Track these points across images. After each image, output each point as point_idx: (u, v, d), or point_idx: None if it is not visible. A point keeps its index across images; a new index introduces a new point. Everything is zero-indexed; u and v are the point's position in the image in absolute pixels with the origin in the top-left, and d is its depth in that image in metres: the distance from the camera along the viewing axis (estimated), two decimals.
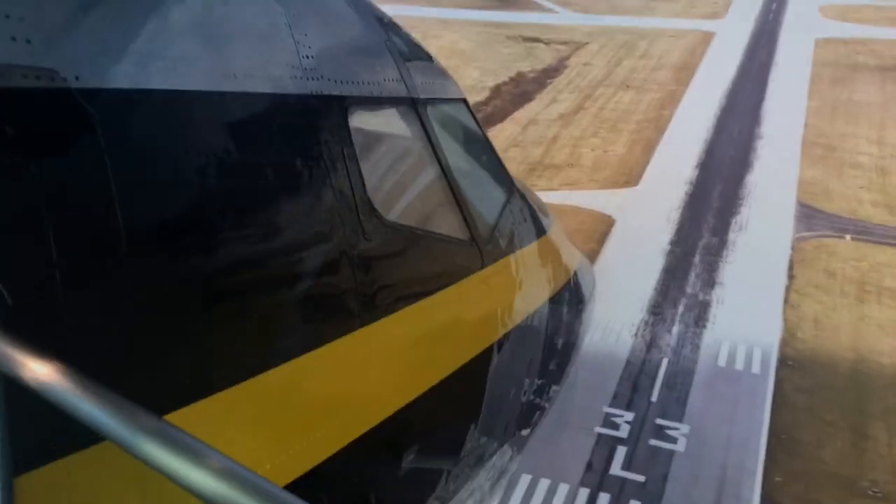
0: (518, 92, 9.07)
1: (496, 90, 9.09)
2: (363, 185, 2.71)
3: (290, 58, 2.62)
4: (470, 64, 9.64)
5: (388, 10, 10.76)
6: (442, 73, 3.56)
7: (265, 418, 2.45)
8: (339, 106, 2.71)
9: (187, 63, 2.36)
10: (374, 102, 3.06)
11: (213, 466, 1.12)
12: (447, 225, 3.16)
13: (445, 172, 3.14)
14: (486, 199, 3.67)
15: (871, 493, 4.61)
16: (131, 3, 2.38)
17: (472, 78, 9.38)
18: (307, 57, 2.68)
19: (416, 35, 10.33)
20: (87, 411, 1.38)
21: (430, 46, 9.63)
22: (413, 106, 3.13)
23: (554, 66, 9.52)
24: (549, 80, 9.24)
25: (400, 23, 9.93)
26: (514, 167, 7.82)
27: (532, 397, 4.26)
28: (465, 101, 3.61)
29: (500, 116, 8.61)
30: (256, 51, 2.61)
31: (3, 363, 1.42)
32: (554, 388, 4.59)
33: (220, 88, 2.44)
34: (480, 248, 3.26)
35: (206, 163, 2.25)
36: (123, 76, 2.16)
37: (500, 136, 8.38)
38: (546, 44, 9.89)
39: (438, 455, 3.45)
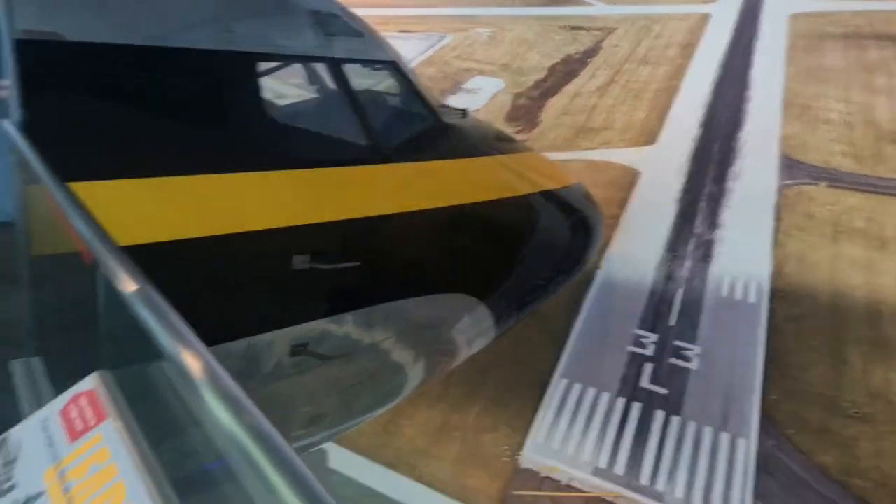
0: (567, 70, 8.25)
1: (552, 69, 8.31)
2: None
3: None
4: (532, 49, 8.86)
5: (469, 10, 9.59)
6: (369, 41, 3.18)
7: None
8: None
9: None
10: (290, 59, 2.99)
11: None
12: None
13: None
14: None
15: (851, 413, 3.89)
16: None
17: (535, 60, 8.65)
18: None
19: (494, 29, 9.24)
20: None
21: (506, 37, 8.69)
22: (333, 64, 2.90)
23: (592, 48, 8.66)
24: (589, 60, 8.41)
25: (482, 21, 8.82)
26: (564, 131, 7.16)
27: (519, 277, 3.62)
28: (391, 62, 3.18)
29: (554, 90, 7.88)
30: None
31: None
32: (547, 280, 3.85)
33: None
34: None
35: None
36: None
37: (555, 105, 7.79)
38: (586, 31, 9.01)
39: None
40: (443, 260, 3.14)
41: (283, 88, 3.28)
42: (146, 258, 1.92)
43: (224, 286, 2.35)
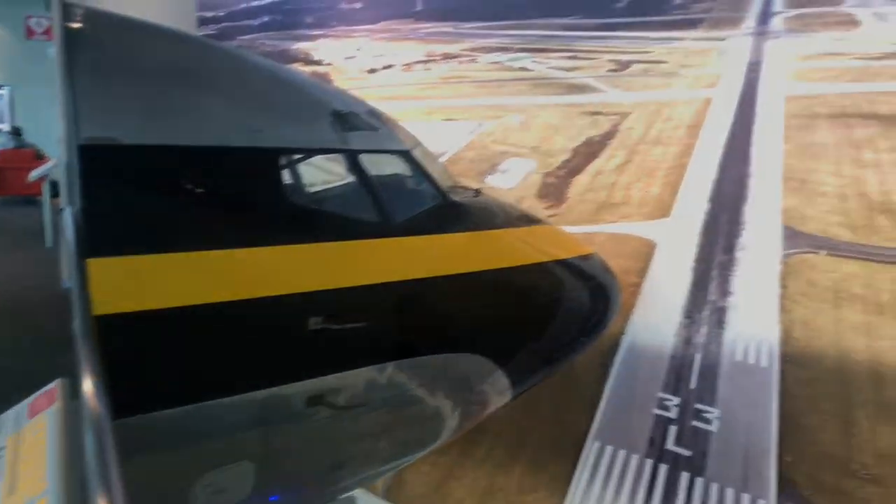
0: (589, 151, 8.11)
1: (575, 151, 8.19)
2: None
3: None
4: (558, 133, 8.75)
5: (505, 101, 9.44)
6: (383, 134, 3.15)
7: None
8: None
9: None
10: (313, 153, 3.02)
11: None
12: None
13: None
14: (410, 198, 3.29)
15: (862, 475, 3.62)
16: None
17: (561, 143, 8.55)
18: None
19: (524, 116, 9.07)
20: None
21: (535, 122, 8.53)
22: (350, 155, 2.88)
23: (610, 131, 8.49)
24: (608, 142, 8.24)
25: (514, 109, 8.77)
26: (589, 206, 6.99)
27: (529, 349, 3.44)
28: (405, 151, 3.14)
29: (578, 169, 7.76)
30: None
31: None
32: (565, 343, 3.68)
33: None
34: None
35: None
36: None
37: (579, 183, 7.70)
38: (604, 115, 8.84)
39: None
40: (455, 322, 3.04)
41: (309, 176, 3.33)
42: (183, 318, 2.03)
43: (248, 343, 2.37)
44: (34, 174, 11.41)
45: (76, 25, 2.29)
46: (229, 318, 2.19)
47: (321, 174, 3.30)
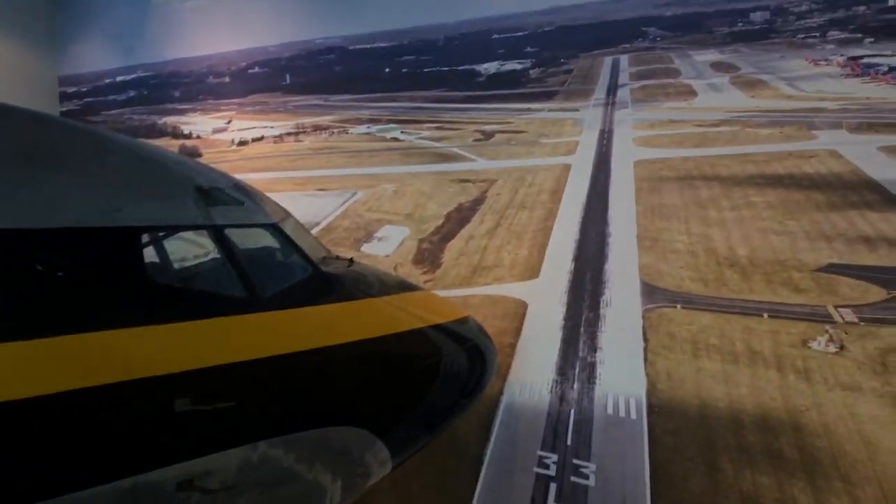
0: (460, 217, 8.26)
1: (447, 216, 8.33)
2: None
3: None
4: (430, 200, 8.87)
5: (377, 170, 9.42)
6: (250, 208, 3.10)
7: None
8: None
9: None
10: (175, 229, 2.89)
11: None
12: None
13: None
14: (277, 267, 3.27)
15: None
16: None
17: (433, 209, 8.66)
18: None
19: (396, 184, 9.09)
20: None
21: (408, 190, 8.55)
22: (215, 230, 2.76)
23: (479, 197, 8.71)
24: (477, 207, 8.45)
25: (387, 178, 8.73)
26: (463, 270, 7.10)
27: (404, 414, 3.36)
28: (272, 224, 3.10)
29: (452, 234, 7.86)
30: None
31: None
32: (443, 408, 3.61)
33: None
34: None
35: None
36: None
37: (453, 247, 7.74)
38: (473, 182, 9.08)
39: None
40: (330, 394, 2.95)
41: (174, 253, 3.21)
42: (40, 408, 1.89)
43: (111, 430, 2.20)
44: None
45: None
46: (88, 405, 2.05)
47: (187, 250, 3.19)
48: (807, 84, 8.84)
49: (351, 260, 3.58)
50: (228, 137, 10.50)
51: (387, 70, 10.27)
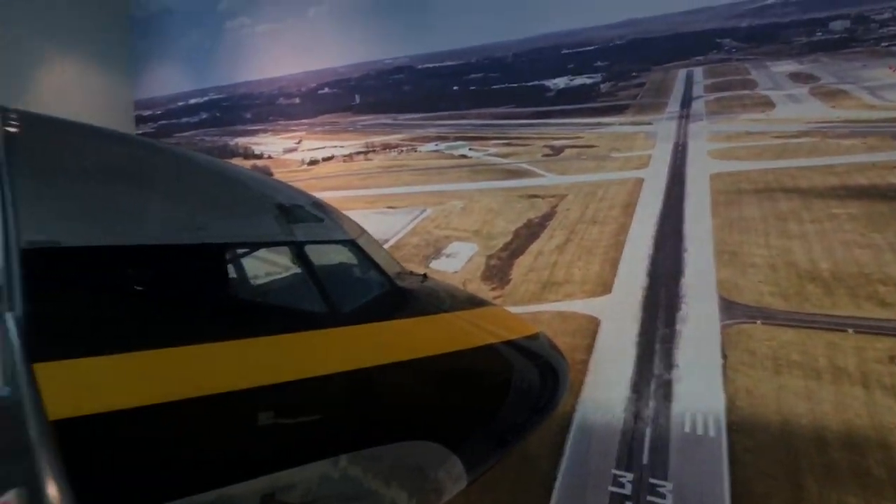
0: (529, 233, 8.23)
1: (516, 233, 8.31)
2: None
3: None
4: (499, 216, 8.88)
5: (445, 187, 9.49)
6: (328, 225, 3.15)
7: None
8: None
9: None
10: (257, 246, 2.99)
11: None
12: None
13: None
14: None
15: None
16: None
17: (501, 226, 8.67)
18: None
19: (465, 201, 9.14)
20: None
21: (476, 207, 8.57)
22: (296, 247, 2.83)
23: (549, 212, 8.66)
24: (547, 223, 8.40)
25: (455, 195, 8.83)
26: (532, 286, 7.02)
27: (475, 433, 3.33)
28: (350, 241, 3.15)
29: (520, 251, 7.84)
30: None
31: None
32: (516, 424, 3.50)
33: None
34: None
35: None
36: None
37: (522, 263, 7.74)
38: (542, 198, 9.03)
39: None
40: (407, 409, 2.96)
41: (255, 270, 3.29)
42: (127, 420, 1.89)
43: (198, 442, 2.25)
44: None
45: (13, 130, 2.27)
46: (174, 418, 2.11)
47: (268, 267, 3.27)
48: (891, 93, 8.52)
49: (424, 275, 3.61)
50: (299, 157, 10.75)
51: (455, 88, 10.35)
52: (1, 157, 2.11)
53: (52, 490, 1.36)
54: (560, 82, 10.13)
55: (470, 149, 10.12)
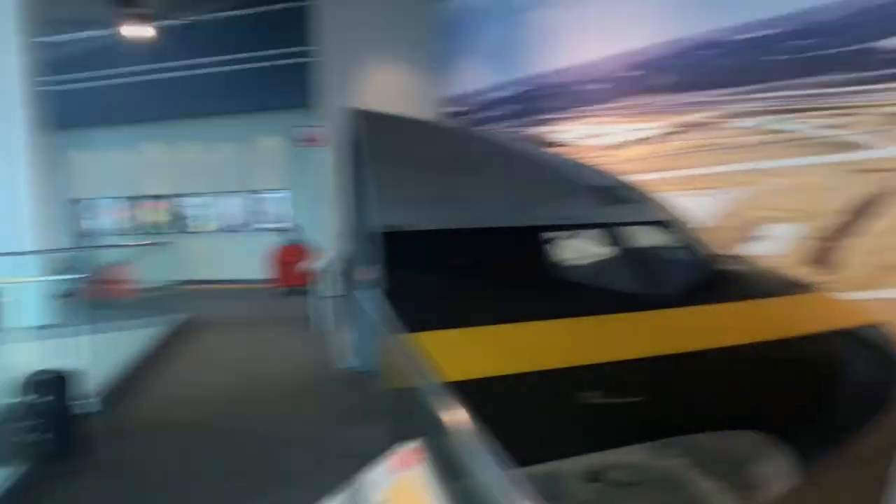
0: (864, 211, 7.55)
1: (847, 212, 7.65)
2: None
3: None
4: (824, 194, 8.34)
5: (762, 165, 9.13)
6: (642, 206, 3.16)
7: None
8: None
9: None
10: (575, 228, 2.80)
11: None
12: None
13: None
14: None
15: None
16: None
17: (829, 204, 8.10)
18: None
19: (785, 179, 8.73)
20: None
21: (797, 183, 8.10)
22: (610, 228, 2.78)
23: (888, 189, 7.80)
24: (886, 200, 7.57)
25: (773, 172, 8.49)
26: (870, 270, 6.59)
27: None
28: (663, 222, 3.19)
29: (853, 231, 7.22)
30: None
31: None
32: (849, 420, 3.15)
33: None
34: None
35: None
36: None
37: (854, 245, 7.36)
38: (879, 172, 8.18)
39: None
40: (729, 397, 2.91)
41: (572, 251, 3.40)
42: (472, 390, 2.06)
43: (531, 415, 2.42)
44: (306, 266, 12.72)
45: (374, 127, 2.63)
46: (511, 390, 2.29)
47: (584, 248, 3.41)
48: None
49: (740, 258, 3.53)
50: (603, 142, 10.85)
51: (769, 59, 9.80)
52: (365, 151, 2.46)
53: (467, 439, 1.56)
54: (894, 41, 9.10)
55: (788, 122, 9.48)
